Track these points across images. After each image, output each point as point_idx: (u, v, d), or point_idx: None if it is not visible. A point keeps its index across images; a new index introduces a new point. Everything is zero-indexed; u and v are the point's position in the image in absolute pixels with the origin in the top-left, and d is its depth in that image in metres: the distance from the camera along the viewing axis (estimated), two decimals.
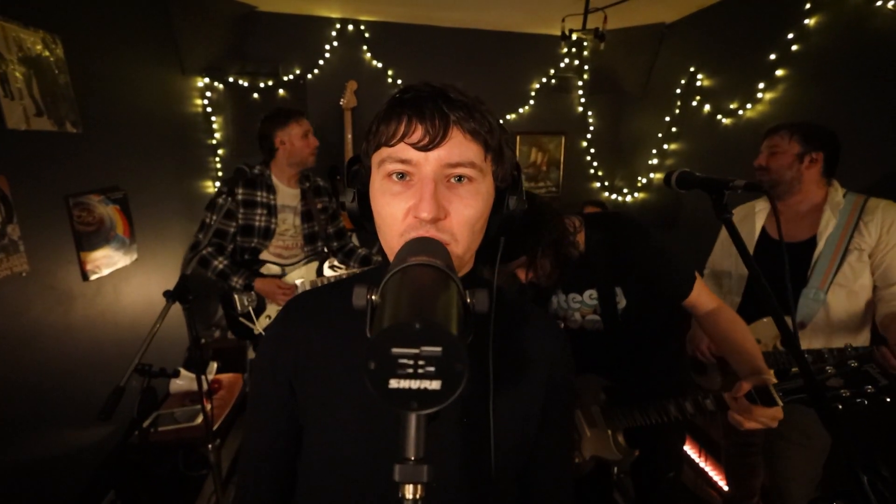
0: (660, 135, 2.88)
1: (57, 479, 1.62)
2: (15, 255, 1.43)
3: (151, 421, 2.00)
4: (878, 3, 1.61)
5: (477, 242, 0.55)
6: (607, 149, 3.38)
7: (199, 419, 2.02)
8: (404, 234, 0.50)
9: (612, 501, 2.12)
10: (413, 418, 0.32)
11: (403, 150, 0.50)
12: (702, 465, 2.37)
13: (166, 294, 1.22)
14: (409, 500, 0.32)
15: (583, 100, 3.31)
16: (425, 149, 0.49)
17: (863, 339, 1.45)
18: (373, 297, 0.38)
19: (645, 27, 2.92)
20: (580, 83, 3.28)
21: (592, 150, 3.38)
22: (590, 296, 1.29)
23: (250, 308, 1.97)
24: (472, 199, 0.51)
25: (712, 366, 1.60)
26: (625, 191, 3.29)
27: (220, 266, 1.82)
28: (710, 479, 2.30)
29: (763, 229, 1.55)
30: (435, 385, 0.31)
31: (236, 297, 1.93)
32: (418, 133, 0.49)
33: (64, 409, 1.65)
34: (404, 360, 0.31)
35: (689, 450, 2.50)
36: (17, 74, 1.46)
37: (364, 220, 0.59)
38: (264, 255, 1.95)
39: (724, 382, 1.57)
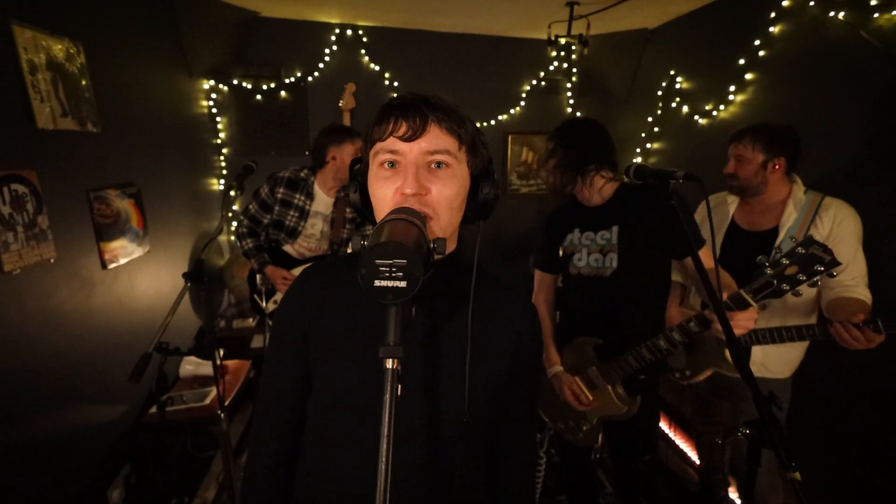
0: (643, 134, 3.03)
1: (78, 452, 1.76)
2: (44, 243, 1.57)
3: (163, 401, 2.14)
4: (831, 14, 1.76)
5: (456, 219, 0.68)
6: None
7: (208, 400, 2.16)
8: (393, 212, 0.64)
9: (596, 480, 2.28)
10: (392, 311, 0.48)
11: (392, 142, 0.64)
12: (677, 441, 2.52)
13: (185, 276, 1.36)
14: (389, 369, 0.47)
15: (571, 101, 3.45)
16: (409, 140, 0.63)
17: (812, 320, 1.61)
18: (364, 243, 0.52)
19: (630, 32, 3.07)
20: (569, 85, 3.42)
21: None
22: (601, 236, 1.47)
23: (263, 289, 2.22)
24: (450, 181, 0.65)
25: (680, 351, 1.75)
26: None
27: (247, 247, 2.10)
28: (685, 454, 2.46)
29: (732, 219, 1.70)
30: (402, 284, 0.47)
31: (258, 275, 2.18)
32: (403, 128, 0.63)
33: (84, 387, 1.78)
34: (383, 268, 0.47)
35: (665, 427, 2.65)
36: (45, 78, 1.60)
37: (364, 208, 0.73)
38: (288, 249, 2.15)
39: (688, 361, 1.71)
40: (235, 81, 2.95)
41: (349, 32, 3.04)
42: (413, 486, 0.70)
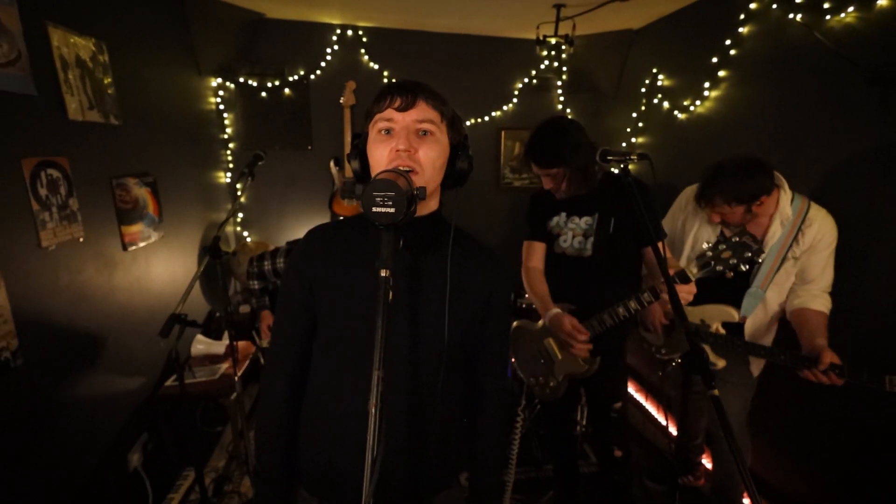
0: (628, 129, 3.20)
1: (103, 416, 1.91)
2: (74, 223, 1.73)
3: (182, 366, 2.30)
4: (790, 16, 1.93)
5: (437, 178, 0.84)
6: None
7: (219, 375, 2.32)
8: (388, 166, 0.79)
9: (579, 451, 2.46)
10: (385, 235, 0.64)
11: (389, 112, 0.79)
12: (660, 419, 2.69)
13: (205, 250, 1.52)
14: (383, 277, 0.64)
15: (562, 98, 3.61)
16: (402, 110, 0.79)
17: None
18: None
19: (616, 32, 3.24)
20: (559, 83, 3.59)
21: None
22: (585, 221, 1.67)
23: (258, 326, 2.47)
24: (434, 145, 0.80)
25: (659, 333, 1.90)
26: None
27: (252, 287, 2.32)
28: (666, 429, 2.63)
29: (722, 233, 1.73)
30: (391, 210, 0.64)
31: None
32: (398, 101, 0.79)
33: (108, 358, 1.94)
34: (378, 198, 0.64)
35: (650, 406, 2.82)
36: (75, 74, 1.76)
37: (362, 171, 0.89)
38: None
39: (666, 341, 1.86)
40: (242, 79, 3.11)
41: (350, 33, 3.20)
42: (402, 406, 0.85)
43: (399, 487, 0.88)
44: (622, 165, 1.21)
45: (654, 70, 2.92)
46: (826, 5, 1.79)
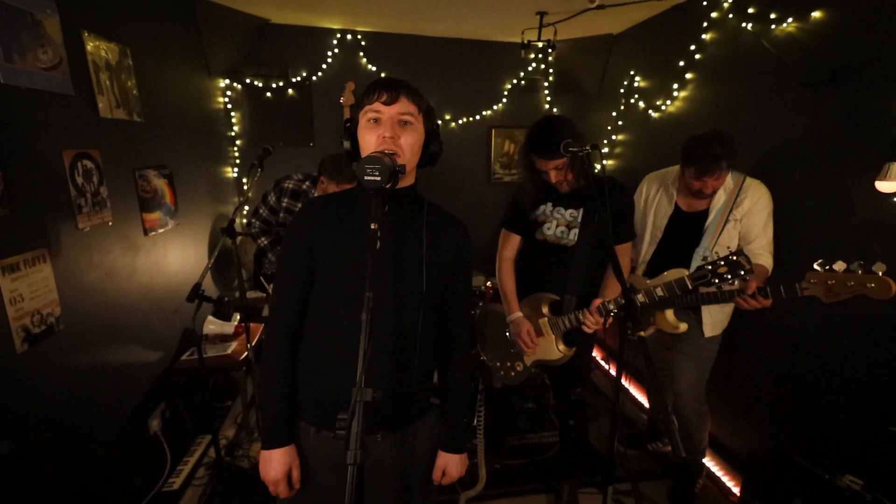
0: (609, 127, 3.42)
1: (127, 384, 2.13)
2: (105, 209, 1.95)
3: (190, 353, 2.52)
4: (744, 25, 2.16)
5: (415, 158, 1.04)
6: None
7: (230, 350, 2.54)
8: (376, 149, 0.99)
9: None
10: (374, 198, 0.86)
11: (376, 105, 0.99)
12: (633, 392, 2.91)
13: (222, 230, 1.75)
14: (372, 229, 0.84)
15: (549, 98, 3.84)
16: (387, 104, 0.98)
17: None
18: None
19: (598, 37, 3.46)
20: (546, 84, 3.81)
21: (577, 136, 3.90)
22: (570, 213, 1.82)
23: (269, 272, 2.72)
24: (412, 133, 1.01)
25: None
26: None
27: (263, 244, 2.64)
28: (638, 401, 2.85)
29: (676, 204, 2.01)
30: (378, 178, 0.84)
31: (265, 261, 2.69)
32: (385, 96, 0.98)
33: (131, 332, 2.15)
34: (368, 169, 0.85)
35: (624, 381, 3.04)
36: (105, 76, 1.98)
37: (353, 151, 1.08)
38: None
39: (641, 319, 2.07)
40: (248, 80, 3.33)
41: (349, 37, 3.42)
42: (388, 344, 1.04)
43: (385, 412, 1.07)
44: (579, 153, 1.43)
45: (632, 72, 3.14)
46: (772, 16, 2.01)
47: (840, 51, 1.76)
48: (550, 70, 3.78)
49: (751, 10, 2.13)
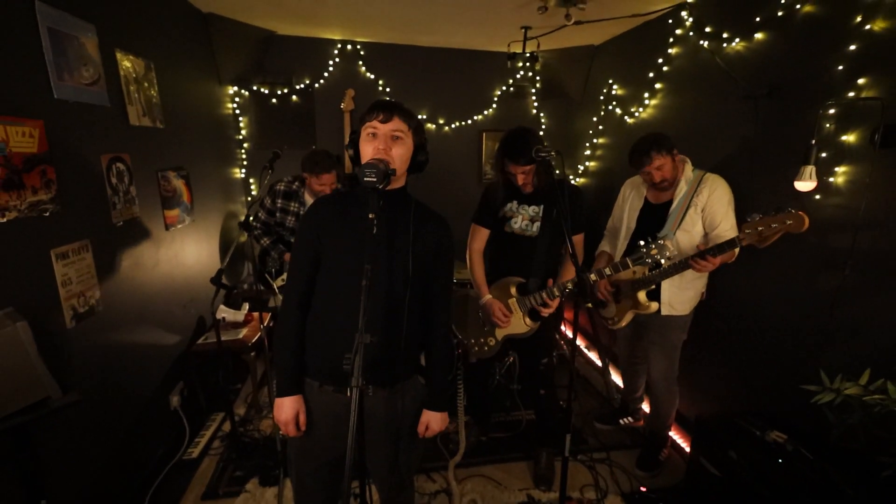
0: (591, 132, 3.68)
1: (151, 363, 2.38)
2: (134, 205, 2.20)
3: (204, 337, 2.77)
4: (701, 42, 2.43)
5: (403, 166, 1.27)
6: (556, 144, 4.14)
7: (241, 335, 2.79)
8: (373, 157, 1.25)
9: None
10: (372, 195, 1.11)
11: (374, 123, 1.23)
12: (612, 374, 3.17)
13: (239, 224, 1.99)
14: (370, 218, 1.09)
15: (536, 104, 4.09)
16: (383, 122, 1.22)
17: None
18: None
19: (581, 47, 3.72)
20: (533, 91, 4.07)
21: (545, 145, 4.16)
22: (533, 209, 2.12)
23: (273, 269, 2.93)
24: (403, 147, 1.25)
25: (608, 301, 2.36)
26: (570, 177, 4.09)
27: (265, 244, 2.85)
28: (614, 383, 3.11)
29: (645, 198, 2.28)
30: (374, 179, 1.10)
31: (268, 259, 2.91)
32: (381, 116, 1.22)
33: (155, 316, 2.41)
34: (367, 171, 1.10)
35: (600, 361, 3.29)
36: (133, 88, 2.23)
37: (356, 157, 1.32)
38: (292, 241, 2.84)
39: (616, 309, 2.33)
40: (255, 87, 3.58)
41: (349, 47, 3.67)
42: (381, 315, 1.26)
43: (378, 371, 1.26)
44: (547, 158, 1.69)
45: (610, 81, 3.41)
46: (725, 35, 2.28)
47: (777, 69, 2.02)
48: (537, 78, 4.04)
49: (707, 29, 2.40)
